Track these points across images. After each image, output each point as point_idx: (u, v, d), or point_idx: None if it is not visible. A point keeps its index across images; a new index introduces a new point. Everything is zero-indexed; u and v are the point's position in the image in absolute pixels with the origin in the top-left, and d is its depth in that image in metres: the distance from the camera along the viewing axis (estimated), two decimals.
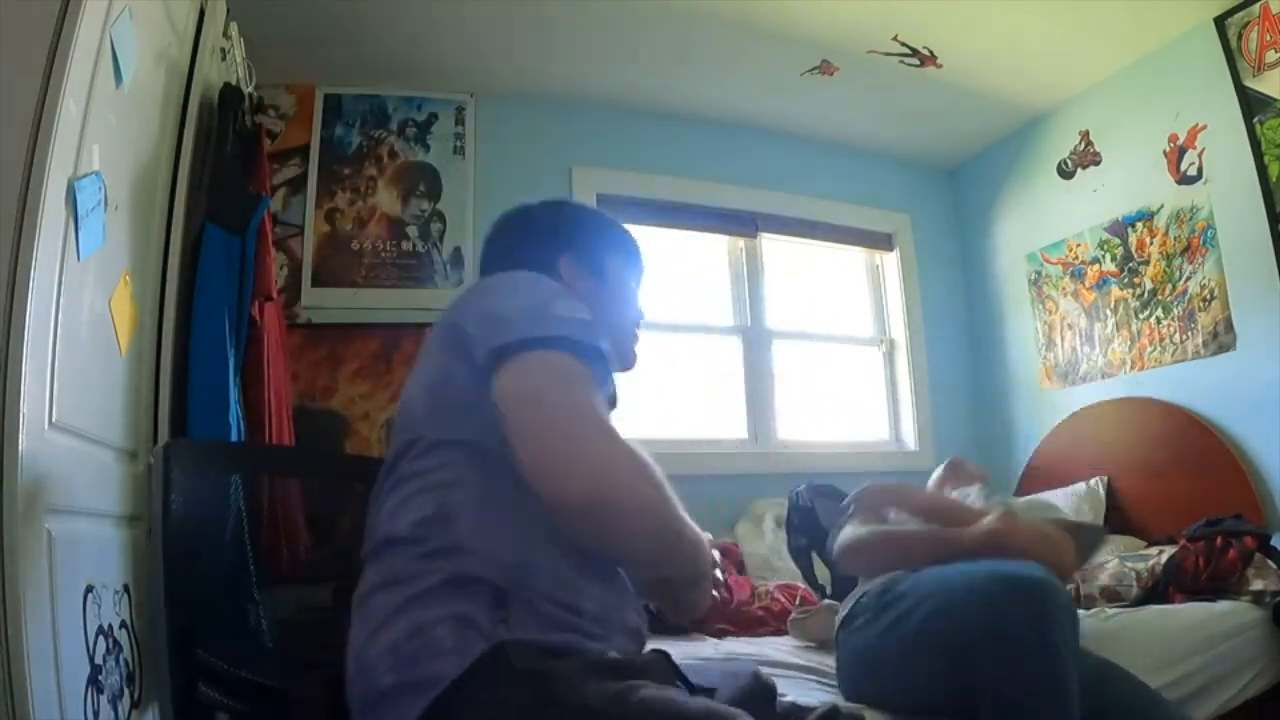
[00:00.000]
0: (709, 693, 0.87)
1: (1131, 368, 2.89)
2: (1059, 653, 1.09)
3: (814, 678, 1.59)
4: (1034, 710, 1.06)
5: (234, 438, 1.61)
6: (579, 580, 0.82)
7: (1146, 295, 2.86)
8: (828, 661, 1.64)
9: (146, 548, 1.40)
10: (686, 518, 0.87)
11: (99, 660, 1.11)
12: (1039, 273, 3.29)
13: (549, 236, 1.10)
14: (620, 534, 0.79)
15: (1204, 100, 2.67)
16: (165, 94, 1.59)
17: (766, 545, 2.64)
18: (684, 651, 1.86)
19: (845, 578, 1.75)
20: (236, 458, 1.35)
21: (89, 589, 1.11)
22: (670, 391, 3.10)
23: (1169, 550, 2.18)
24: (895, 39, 2.77)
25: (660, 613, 1.03)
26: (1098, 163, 3.08)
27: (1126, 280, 2.93)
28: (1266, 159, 2.50)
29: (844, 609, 1.50)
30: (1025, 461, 3.21)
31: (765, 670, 1.06)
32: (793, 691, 1.36)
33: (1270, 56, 2.49)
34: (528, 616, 0.76)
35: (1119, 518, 2.72)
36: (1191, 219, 2.71)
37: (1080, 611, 2.07)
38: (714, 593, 0.91)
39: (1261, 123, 2.51)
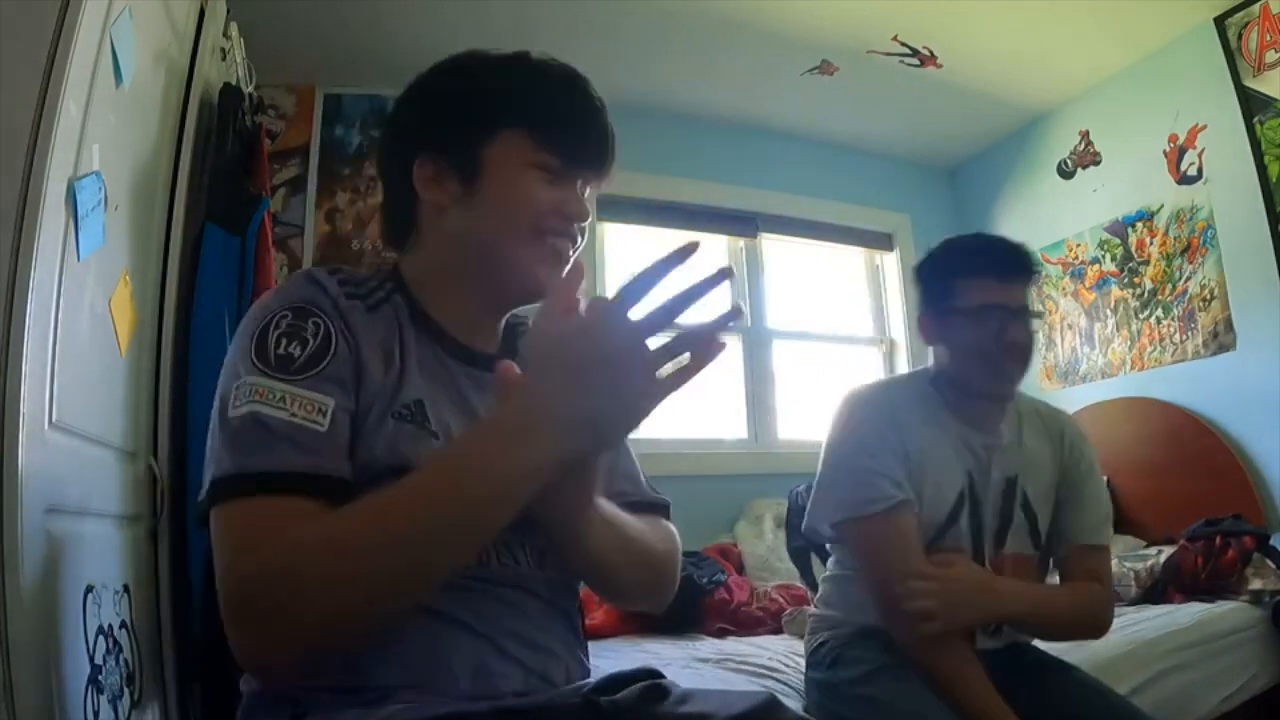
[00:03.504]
0: None
1: (1131, 368, 2.89)
2: None
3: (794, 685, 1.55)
4: None
5: None
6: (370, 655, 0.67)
7: (1146, 295, 2.86)
8: None
9: (147, 548, 1.40)
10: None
11: (99, 660, 1.11)
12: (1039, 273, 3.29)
13: (400, 133, 0.84)
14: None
15: (1204, 100, 2.67)
16: (165, 94, 1.59)
17: (766, 545, 2.64)
18: (685, 653, 1.87)
19: None
20: None
21: (89, 589, 1.11)
22: None
23: (1168, 550, 2.18)
24: (895, 39, 2.77)
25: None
26: (1098, 163, 3.08)
27: (1126, 280, 2.93)
28: (1266, 159, 2.50)
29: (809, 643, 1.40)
30: None
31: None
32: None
33: (1270, 56, 2.49)
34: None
35: (1118, 518, 2.71)
36: (1191, 219, 2.71)
37: None
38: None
39: (1261, 123, 2.51)
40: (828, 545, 1.44)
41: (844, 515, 1.26)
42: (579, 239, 0.81)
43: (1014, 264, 1.29)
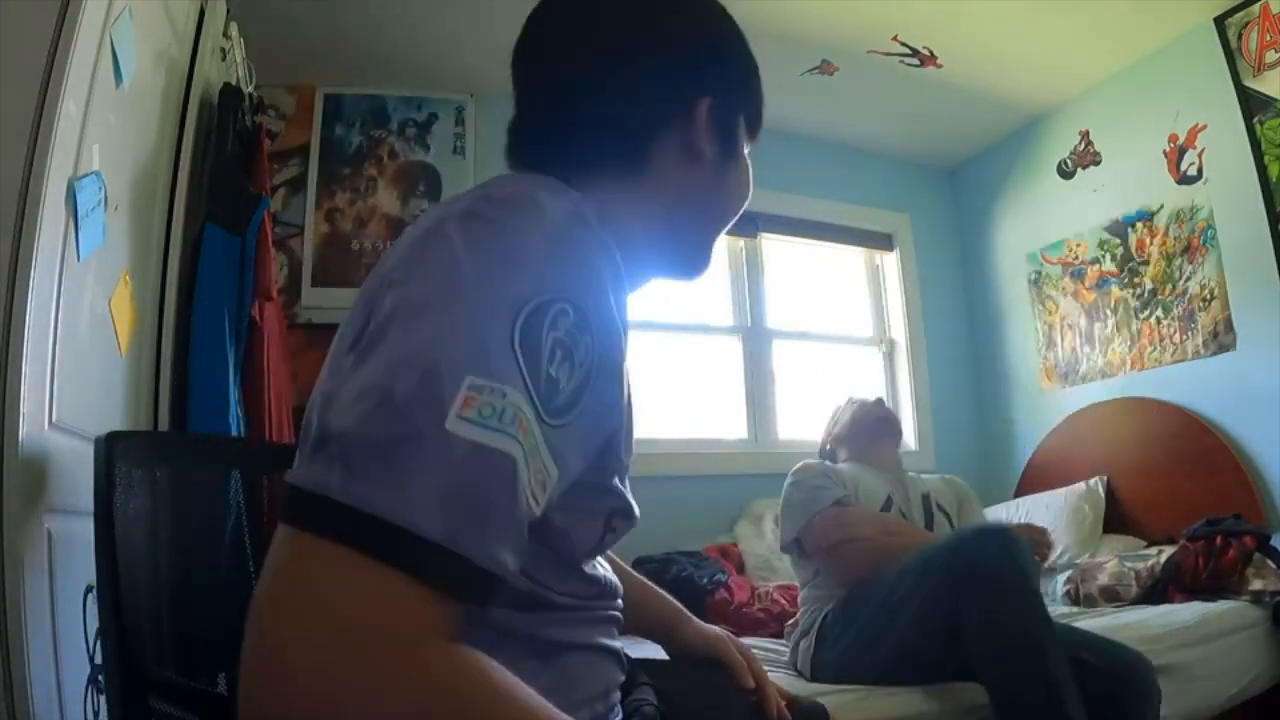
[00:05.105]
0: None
1: (1131, 368, 2.89)
2: (1026, 568, 1.34)
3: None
4: (1014, 613, 1.29)
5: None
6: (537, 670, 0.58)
7: (1146, 295, 2.86)
8: None
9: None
10: None
11: (99, 660, 1.11)
12: (1039, 273, 3.29)
13: (686, 59, 0.66)
14: None
15: (1204, 100, 2.67)
16: (165, 94, 1.60)
17: (766, 545, 2.64)
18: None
19: None
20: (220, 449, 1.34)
21: (89, 589, 1.11)
22: (670, 391, 3.10)
23: (1168, 550, 2.18)
24: (895, 39, 2.77)
25: None
26: (1098, 163, 3.08)
27: (1126, 280, 2.93)
28: (1266, 159, 2.50)
29: (805, 636, 1.66)
30: (1025, 461, 3.21)
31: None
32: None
33: (1270, 56, 2.49)
34: None
35: (1119, 518, 2.72)
36: (1191, 219, 2.71)
37: (1078, 610, 2.08)
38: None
39: (1261, 123, 2.51)
40: (794, 566, 1.81)
41: (804, 519, 1.67)
42: None
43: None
